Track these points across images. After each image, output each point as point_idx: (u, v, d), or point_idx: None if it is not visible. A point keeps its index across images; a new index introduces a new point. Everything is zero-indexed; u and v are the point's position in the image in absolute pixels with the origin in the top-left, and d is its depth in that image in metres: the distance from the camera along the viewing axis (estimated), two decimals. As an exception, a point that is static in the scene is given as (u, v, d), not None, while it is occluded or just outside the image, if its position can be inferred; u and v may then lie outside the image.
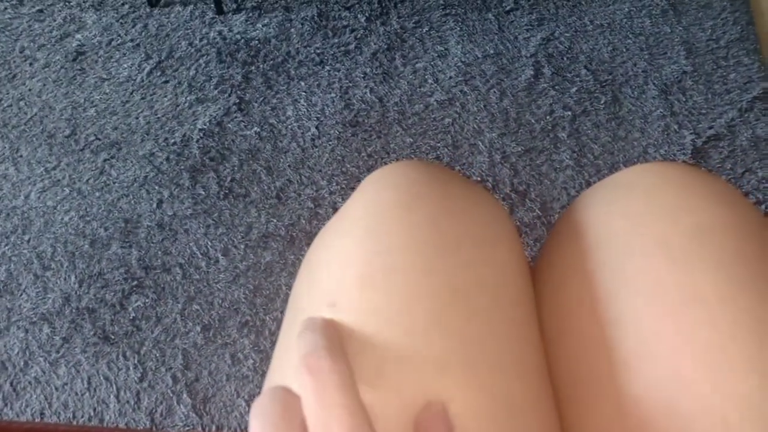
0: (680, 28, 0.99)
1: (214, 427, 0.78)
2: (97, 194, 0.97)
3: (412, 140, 0.97)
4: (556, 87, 0.98)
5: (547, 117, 0.96)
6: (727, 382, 0.27)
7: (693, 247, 0.31)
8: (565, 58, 1.00)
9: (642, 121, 0.93)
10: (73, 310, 0.87)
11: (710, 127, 0.92)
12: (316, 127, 0.99)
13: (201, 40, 1.10)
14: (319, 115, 1.00)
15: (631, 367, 0.30)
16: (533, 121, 0.96)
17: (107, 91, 1.07)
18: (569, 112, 0.96)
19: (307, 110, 1.01)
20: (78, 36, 1.13)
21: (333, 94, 1.02)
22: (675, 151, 0.91)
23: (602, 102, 0.96)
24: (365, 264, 0.30)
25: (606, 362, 0.31)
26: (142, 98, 1.05)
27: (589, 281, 0.33)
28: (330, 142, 0.97)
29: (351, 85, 1.02)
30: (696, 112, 0.93)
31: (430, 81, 1.01)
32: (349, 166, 0.95)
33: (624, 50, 0.99)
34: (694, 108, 0.93)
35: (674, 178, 0.35)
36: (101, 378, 0.82)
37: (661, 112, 0.93)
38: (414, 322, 0.28)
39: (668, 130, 0.92)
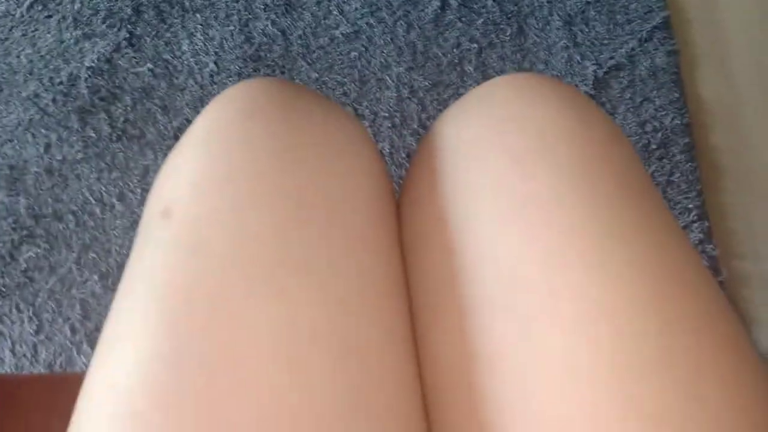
0: (586, -45, 0.98)
1: (113, 375, 0.76)
2: (-22, 140, 0.89)
3: (317, 75, 0.94)
4: (463, 19, 0.96)
5: (454, 50, 0.94)
6: (563, 279, 0.27)
7: (537, 153, 0.31)
8: (473, -12, 0.97)
9: (546, 53, 0.93)
10: (-43, 265, 0.82)
11: (611, 58, 0.92)
12: (215, 63, 0.94)
13: (88, -32, 1.01)
14: (217, 50, 0.94)
15: (474, 270, 0.30)
16: (440, 54, 0.94)
17: (-16, 26, 0.97)
18: (476, 45, 0.94)
19: (205, 45, 0.95)
20: (-54, -36, 1.01)
21: (232, 27, 0.96)
22: (577, 81, 0.92)
23: (508, 34, 0.94)
24: (199, 172, 0.31)
25: (449, 268, 0.31)
26: (23, 35, 0.96)
27: (438, 193, 0.34)
28: (230, 78, 0.93)
29: (251, 17, 0.97)
30: (598, 42, 0.93)
31: (335, 12, 0.97)
32: (252, 104, 0.91)
33: (531, -21, 0.97)
34: (596, 39, 0.93)
35: (527, 88, 0.35)
36: (-10, 333, 0.79)
37: (564, 43, 0.93)
38: (245, 227, 0.28)
39: (571, 61, 0.93)
